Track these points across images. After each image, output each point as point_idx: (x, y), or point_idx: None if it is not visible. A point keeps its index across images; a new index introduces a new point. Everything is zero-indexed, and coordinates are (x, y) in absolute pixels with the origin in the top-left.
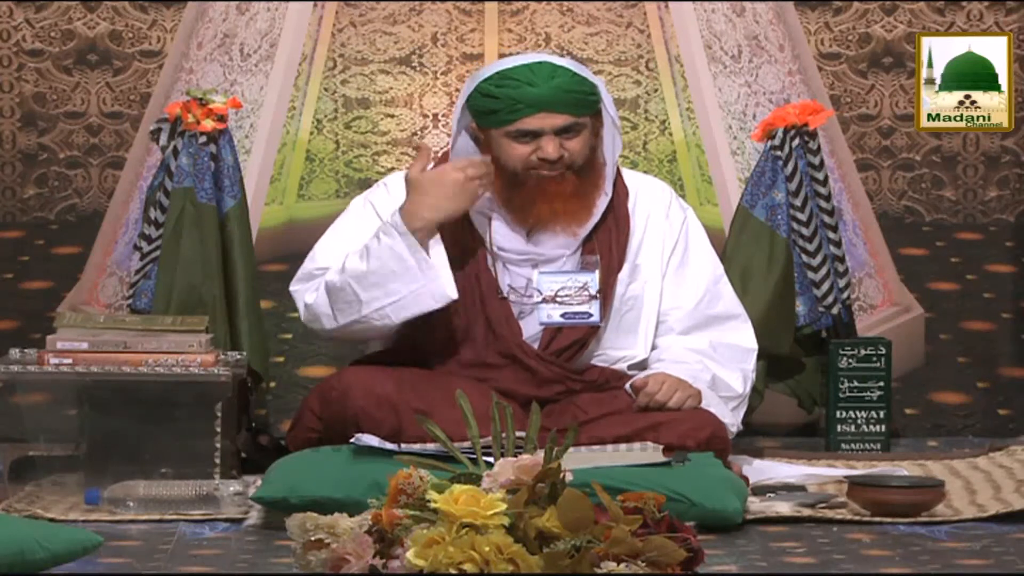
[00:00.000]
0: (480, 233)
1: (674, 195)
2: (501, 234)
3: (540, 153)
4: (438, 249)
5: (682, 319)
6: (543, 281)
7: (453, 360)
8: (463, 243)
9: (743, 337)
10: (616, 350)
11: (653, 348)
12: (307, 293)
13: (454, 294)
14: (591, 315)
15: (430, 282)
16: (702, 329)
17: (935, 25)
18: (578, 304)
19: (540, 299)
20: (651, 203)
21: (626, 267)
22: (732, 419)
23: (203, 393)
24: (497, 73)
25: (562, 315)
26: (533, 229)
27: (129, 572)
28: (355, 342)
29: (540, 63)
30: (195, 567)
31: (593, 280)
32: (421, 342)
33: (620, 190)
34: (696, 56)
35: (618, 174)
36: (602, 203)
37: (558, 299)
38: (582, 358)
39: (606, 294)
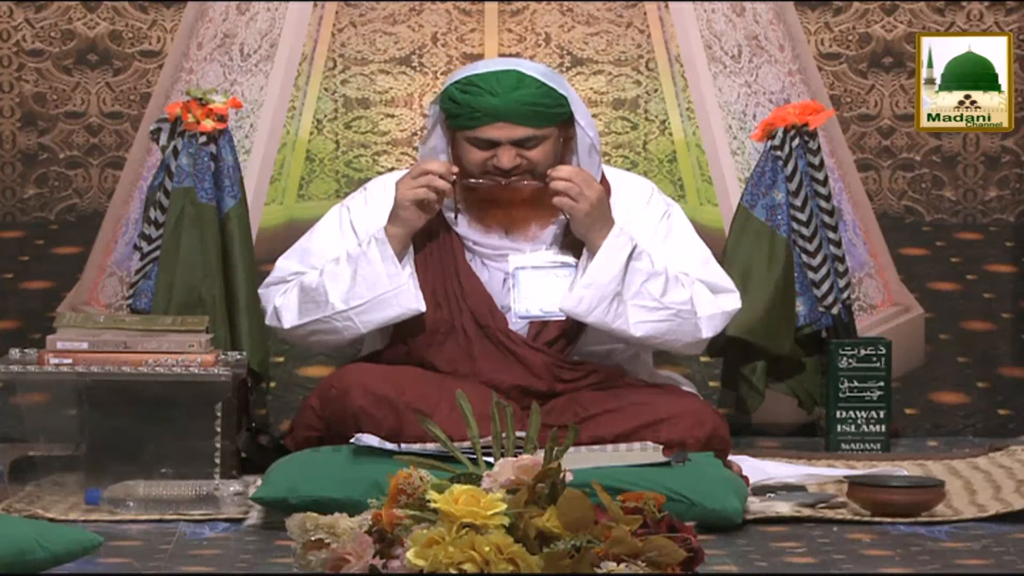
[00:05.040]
0: (455, 230)
1: (656, 191)
2: (476, 229)
3: (495, 161)
4: (408, 261)
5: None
6: (522, 275)
7: (444, 356)
8: (439, 239)
9: (727, 300)
10: (598, 345)
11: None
12: (277, 296)
13: (421, 306)
14: None
15: (396, 289)
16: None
17: (935, 25)
18: (558, 299)
19: (520, 266)
20: (630, 198)
21: None
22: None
23: (203, 393)
24: (465, 78)
25: (541, 309)
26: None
27: (129, 572)
28: (309, 350)
29: (507, 72)
30: (195, 567)
31: (571, 274)
32: (412, 341)
33: (604, 188)
34: (696, 56)
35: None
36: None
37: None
38: (575, 350)
39: None
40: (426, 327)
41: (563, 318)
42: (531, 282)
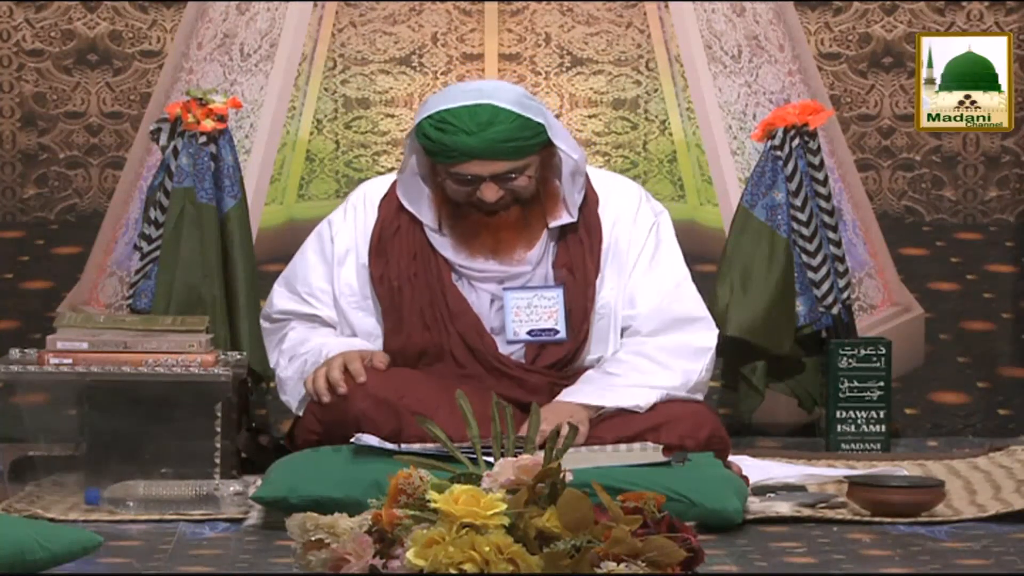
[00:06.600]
0: (441, 252)
1: (644, 198)
2: (461, 254)
3: (479, 194)
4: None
5: (645, 322)
6: (509, 297)
7: (437, 376)
8: (424, 261)
9: (700, 337)
10: (588, 356)
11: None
12: (269, 346)
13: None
14: (557, 331)
15: (298, 411)
16: (666, 332)
17: (935, 25)
18: (545, 320)
19: (508, 287)
20: (619, 208)
21: (599, 275)
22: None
23: (203, 393)
24: (439, 114)
25: (528, 332)
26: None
27: (129, 572)
28: None
29: (481, 107)
30: (195, 567)
31: (559, 295)
32: (404, 358)
33: (590, 197)
34: (696, 56)
35: (587, 179)
36: (561, 221)
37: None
38: (574, 366)
39: (585, 307)
40: (416, 350)
41: (560, 339)
42: (519, 304)
